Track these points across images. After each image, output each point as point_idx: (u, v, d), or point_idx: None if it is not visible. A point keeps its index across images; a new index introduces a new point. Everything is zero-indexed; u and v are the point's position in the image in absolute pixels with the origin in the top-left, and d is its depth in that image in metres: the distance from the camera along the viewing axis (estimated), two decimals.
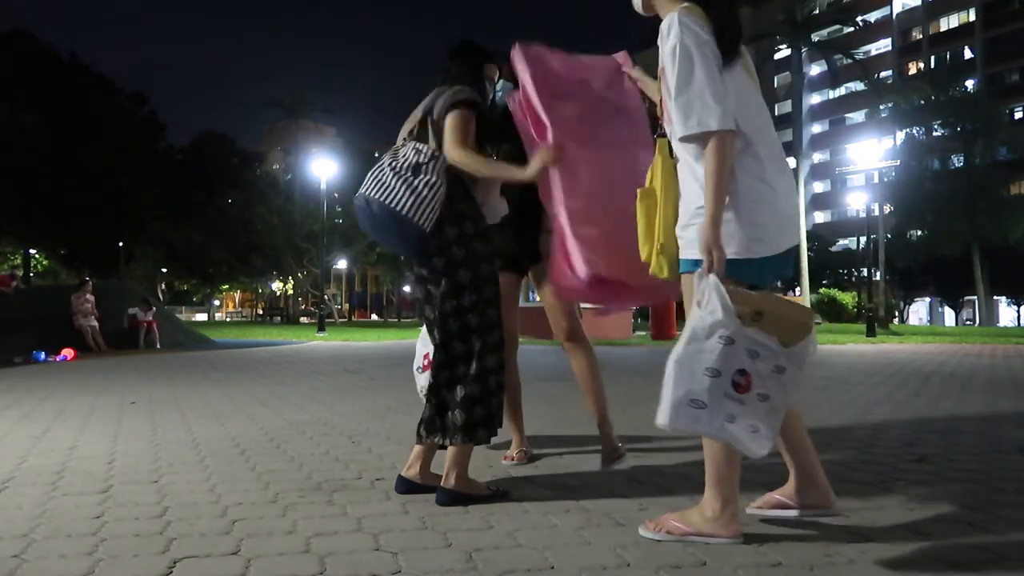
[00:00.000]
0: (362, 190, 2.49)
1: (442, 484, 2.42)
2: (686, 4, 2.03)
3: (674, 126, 2.02)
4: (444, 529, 2.14)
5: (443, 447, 2.49)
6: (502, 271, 3.09)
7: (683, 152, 2.08)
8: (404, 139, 2.60)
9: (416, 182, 2.40)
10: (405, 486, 2.55)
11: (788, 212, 2.09)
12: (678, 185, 2.14)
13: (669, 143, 2.17)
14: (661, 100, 2.12)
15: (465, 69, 2.66)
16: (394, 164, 2.47)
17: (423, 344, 3.06)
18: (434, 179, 2.42)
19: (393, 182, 2.42)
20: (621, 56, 2.94)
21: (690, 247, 2.06)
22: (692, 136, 1.96)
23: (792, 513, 2.20)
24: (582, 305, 3.13)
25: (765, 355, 1.88)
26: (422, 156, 2.45)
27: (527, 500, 2.46)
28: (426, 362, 3.00)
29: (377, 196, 2.42)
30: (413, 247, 2.49)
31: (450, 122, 2.49)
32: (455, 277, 2.45)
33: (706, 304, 1.87)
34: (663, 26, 2.02)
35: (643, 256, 2.23)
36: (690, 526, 2.02)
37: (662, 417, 1.88)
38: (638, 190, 2.24)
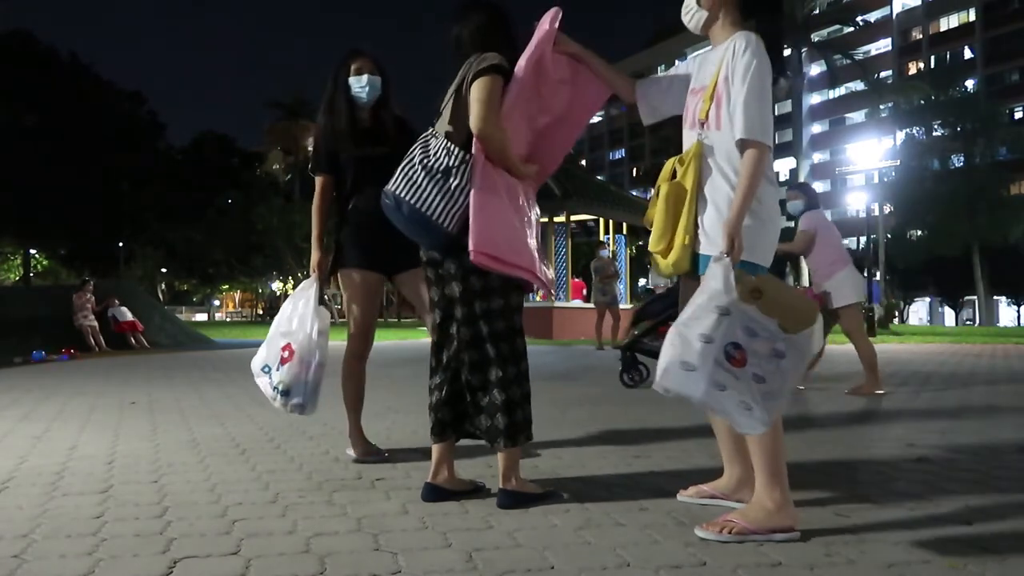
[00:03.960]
0: (391, 187, 2.44)
1: (502, 487, 2.41)
2: (754, 33, 2.20)
3: (733, 129, 2.14)
4: (444, 529, 2.14)
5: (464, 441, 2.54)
6: (365, 269, 3.18)
7: (723, 158, 2.19)
8: (436, 123, 2.53)
9: (449, 185, 2.36)
10: (436, 494, 2.47)
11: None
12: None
13: (702, 145, 2.24)
14: (708, 106, 2.21)
15: (492, 30, 2.49)
16: (426, 162, 2.41)
17: (282, 337, 2.99)
18: (465, 183, 2.36)
19: (425, 183, 2.38)
20: (552, 17, 2.44)
21: (709, 244, 2.18)
22: (747, 141, 2.11)
23: (723, 502, 2.34)
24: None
25: (763, 336, 1.94)
26: (453, 159, 2.39)
27: None
28: (286, 354, 2.94)
29: (407, 197, 2.38)
30: (439, 246, 2.45)
31: (473, 92, 2.38)
32: (487, 279, 2.41)
33: (709, 278, 1.99)
34: (738, 41, 2.18)
35: (658, 247, 2.27)
36: (754, 524, 2.04)
37: (657, 378, 1.97)
38: (663, 183, 2.27)
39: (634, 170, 75.95)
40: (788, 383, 1.97)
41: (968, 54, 53.63)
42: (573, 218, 17.59)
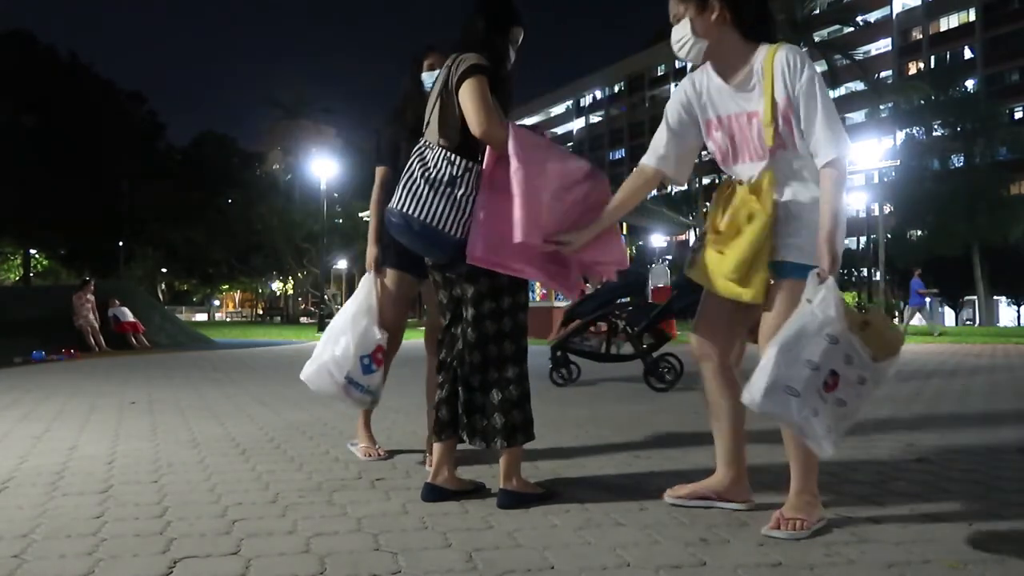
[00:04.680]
0: (397, 205, 2.40)
1: (502, 487, 2.41)
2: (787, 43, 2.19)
3: (817, 149, 2.11)
4: (444, 529, 2.14)
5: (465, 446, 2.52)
6: (400, 270, 3.13)
7: (809, 174, 2.18)
8: (426, 132, 2.52)
9: (455, 195, 2.35)
10: (436, 494, 2.46)
11: None
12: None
13: (775, 172, 2.19)
14: (773, 130, 2.16)
15: (485, 31, 2.47)
16: (428, 175, 2.38)
17: (375, 342, 3.02)
18: (471, 191, 2.36)
19: (431, 197, 2.36)
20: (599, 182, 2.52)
21: (800, 253, 2.16)
22: (834, 160, 2.09)
23: (718, 504, 2.35)
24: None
25: (856, 363, 1.96)
26: (456, 168, 2.37)
27: None
28: (380, 355, 3.03)
29: (416, 214, 2.35)
30: (449, 254, 2.42)
31: (468, 97, 2.35)
32: (495, 279, 2.41)
33: (820, 301, 1.96)
34: (789, 56, 2.14)
35: (735, 275, 2.19)
36: (811, 517, 2.10)
37: (755, 396, 1.91)
38: (743, 208, 2.19)
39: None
40: (863, 407, 2.02)
41: (968, 54, 53.54)
42: None
